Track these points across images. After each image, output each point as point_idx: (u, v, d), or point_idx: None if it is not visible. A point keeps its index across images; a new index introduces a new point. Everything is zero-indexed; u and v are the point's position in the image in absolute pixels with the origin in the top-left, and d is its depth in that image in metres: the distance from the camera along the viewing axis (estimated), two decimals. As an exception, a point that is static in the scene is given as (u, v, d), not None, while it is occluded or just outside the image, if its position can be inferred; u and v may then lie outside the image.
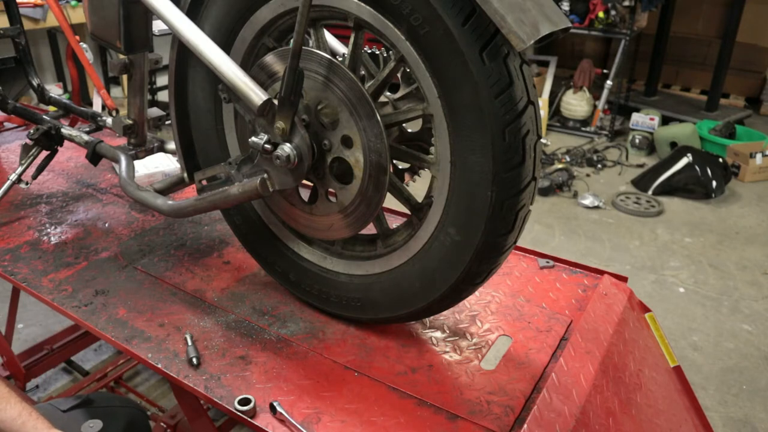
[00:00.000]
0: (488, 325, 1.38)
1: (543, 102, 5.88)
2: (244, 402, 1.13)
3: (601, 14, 5.47)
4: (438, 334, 1.35)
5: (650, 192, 4.66)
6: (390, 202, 1.27)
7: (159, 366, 1.23)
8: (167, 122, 1.54)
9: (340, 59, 1.14)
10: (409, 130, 1.36)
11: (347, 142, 1.15)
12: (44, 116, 1.84)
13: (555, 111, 6.06)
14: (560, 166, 5.01)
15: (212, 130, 1.39)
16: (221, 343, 1.30)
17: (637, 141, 5.46)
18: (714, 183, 4.60)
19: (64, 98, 2.03)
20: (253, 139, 1.18)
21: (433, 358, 1.27)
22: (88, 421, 1.30)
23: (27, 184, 1.79)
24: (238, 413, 1.11)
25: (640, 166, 5.17)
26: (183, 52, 1.32)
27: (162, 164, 2.12)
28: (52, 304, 1.43)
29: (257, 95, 1.13)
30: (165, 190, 1.48)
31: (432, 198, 1.15)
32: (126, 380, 2.62)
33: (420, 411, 1.14)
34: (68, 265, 1.57)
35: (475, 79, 0.97)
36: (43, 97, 2.04)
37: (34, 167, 1.79)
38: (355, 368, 1.24)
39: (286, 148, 1.16)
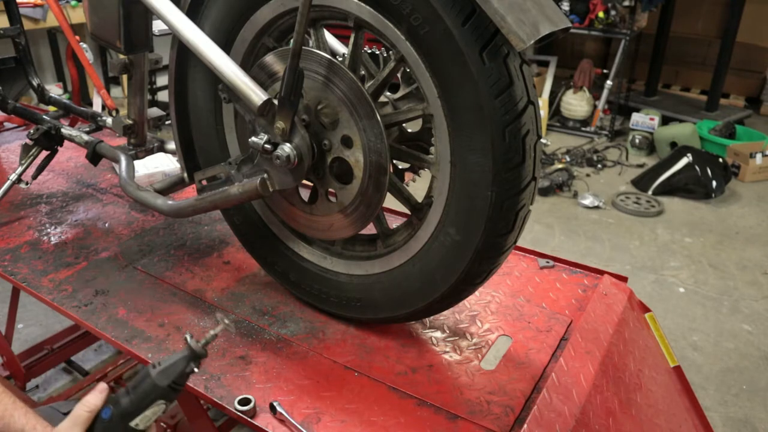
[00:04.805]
0: (488, 325, 1.38)
1: (543, 102, 5.88)
2: (244, 402, 1.13)
3: (601, 14, 5.46)
4: (438, 334, 1.35)
5: (650, 192, 4.66)
6: (390, 202, 1.27)
7: (159, 366, 1.23)
8: (167, 122, 1.54)
9: (340, 59, 1.14)
10: (409, 130, 1.36)
11: (347, 142, 1.15)
12: (44, 116, 1.84)
13: (555, 111, 6.05)
14: (560, 166, 5.01)
15: (212, 130, 1.39)
16: (221, 343, 1.30)
17: (637, 141, 5.45)
18: (714, 183, 4.60)
19: (64, 98, 2.03)
20: (253, 139, 1.18)
21: (433, 358, 1.27)
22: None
23: (27, 184, 1.79)
24: (238, 413, 1.11)
25: (640, 166, 5.17)
26: (183, 52, 1.32)
27: (162, 164, 2.12)
28: (52, 304, 1.43)
29: (257, 95, 1.13)
30: (165, 190, 1.48)
31: (432, 198, 1.15)
32: (126, 380, 2.62)
33: (420, 411, 1.14)
34: (68, 265, 1.57)
35: (475, 79, 0.97)
36: (43, 97, 2.04)
37: (34, 167, 1.79)
38: (355, 368, 1.24)
39: (286, 148, 1.16)
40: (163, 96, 5.56)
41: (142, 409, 0.97)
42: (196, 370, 0.98)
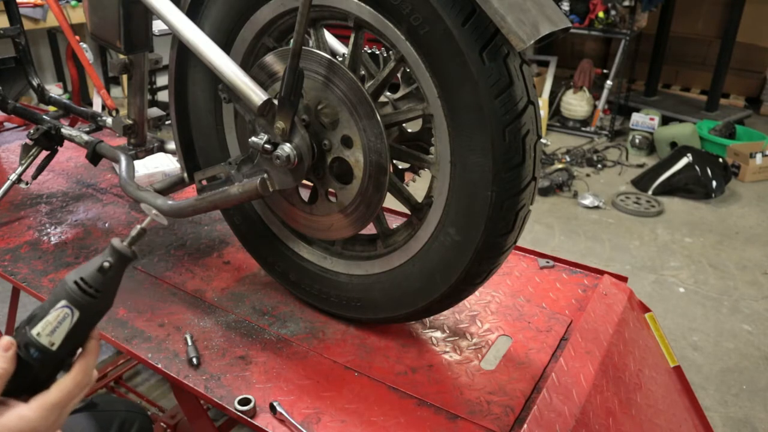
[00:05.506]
0: (488, 325, 1.38)
1: (543, 102, 5.88)
2: (244, 402, 1.13)
3: (601, 14, 5.47)
4: (438, 334, 1.35)
5: (650, 192, 4.66)
6: (390, 202, 1.27)
7: (159, 366, 1.23)
8: (167, 122, 1.54)
9: (340, 59, 1.14)
10: (409, 130, 1.36)
11: (347, 142, 1.15)
12: (44, 116, 1.84)
13: (555, 111, 6.06)
14: (560, 166, 5.01)
15: (212, 130, 1.39)
16: (221, 343, 1.31)
17: (637, 141, 5.46)
18: (714, 183, 4.60)
19: (64, 98, 2.02)
20: (253, 139, 1.18)
21: (433, 358, 1.27)
22: None
23: (27, 184, 1.79)
24: (238, 413, 1.11)
25: (640, 166, 5.17)
26: (183, 52, 1.32)
27: (162, 164, 2.12)
28: (52, 304, 1.42)
29: (257, 95, 1.13)
30: (165, 190, 1.48)
31: (432, 198, 1.15)
32: (126, 380, 2.62)
33: (420, 411, 1.14)
34: (68, 265, 1.57)
35: (475, 79, 0.97)
36: (43, 97, 2.04)
37: (34, 167, 1.79)
38: (355, 368, 1.24)
39: (286, 148, 1.16)
40: (163, 96, 5.56)
41: (46, 313, 0.81)
42: (107, 265, 0.84)
